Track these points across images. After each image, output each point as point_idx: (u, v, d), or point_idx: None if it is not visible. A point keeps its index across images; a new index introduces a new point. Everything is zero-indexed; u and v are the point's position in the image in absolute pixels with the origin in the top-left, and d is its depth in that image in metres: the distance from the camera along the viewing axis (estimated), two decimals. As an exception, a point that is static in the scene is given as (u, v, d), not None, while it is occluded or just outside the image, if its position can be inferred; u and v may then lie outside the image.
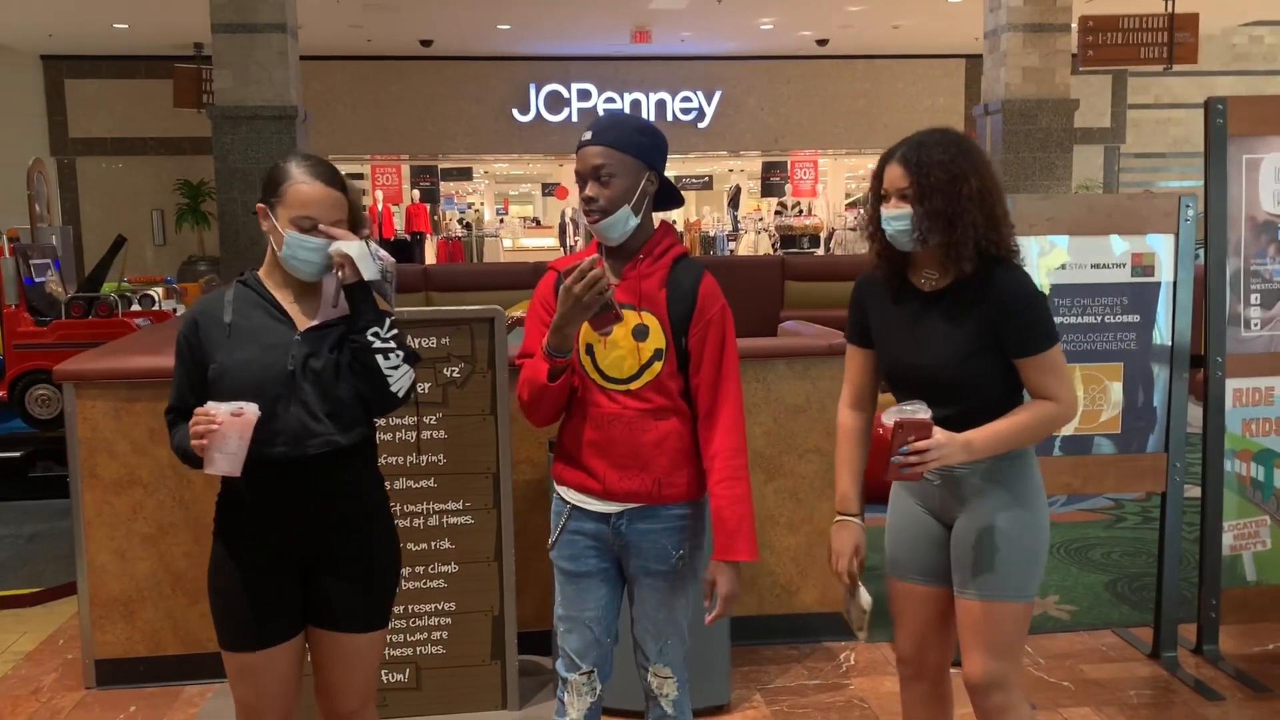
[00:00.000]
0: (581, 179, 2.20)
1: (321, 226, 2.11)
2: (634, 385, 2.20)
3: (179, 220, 15.72)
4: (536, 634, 3.50)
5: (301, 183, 2.12)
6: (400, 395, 2.16)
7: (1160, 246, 3.49)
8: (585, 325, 2.15)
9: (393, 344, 2.14)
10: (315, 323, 2.16)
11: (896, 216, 2.20)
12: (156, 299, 8.11)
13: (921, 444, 2.11)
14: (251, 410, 2.00)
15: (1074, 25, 11.25)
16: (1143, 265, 3.48)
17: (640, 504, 2.23)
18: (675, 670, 2.33)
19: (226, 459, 2.00)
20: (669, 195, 2.29)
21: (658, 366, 2.20)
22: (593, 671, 2.32)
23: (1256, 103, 3.64)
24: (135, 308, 7.69)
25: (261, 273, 2.22)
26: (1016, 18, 10.69)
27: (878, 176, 2.26)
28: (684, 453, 2.23)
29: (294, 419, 2.09)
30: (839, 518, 2.40)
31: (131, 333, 5.61)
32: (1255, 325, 3.58)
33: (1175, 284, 3.48)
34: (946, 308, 2.24)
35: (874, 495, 2.47)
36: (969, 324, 2.21)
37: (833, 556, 2.38)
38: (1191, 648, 3.69)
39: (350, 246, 2.09)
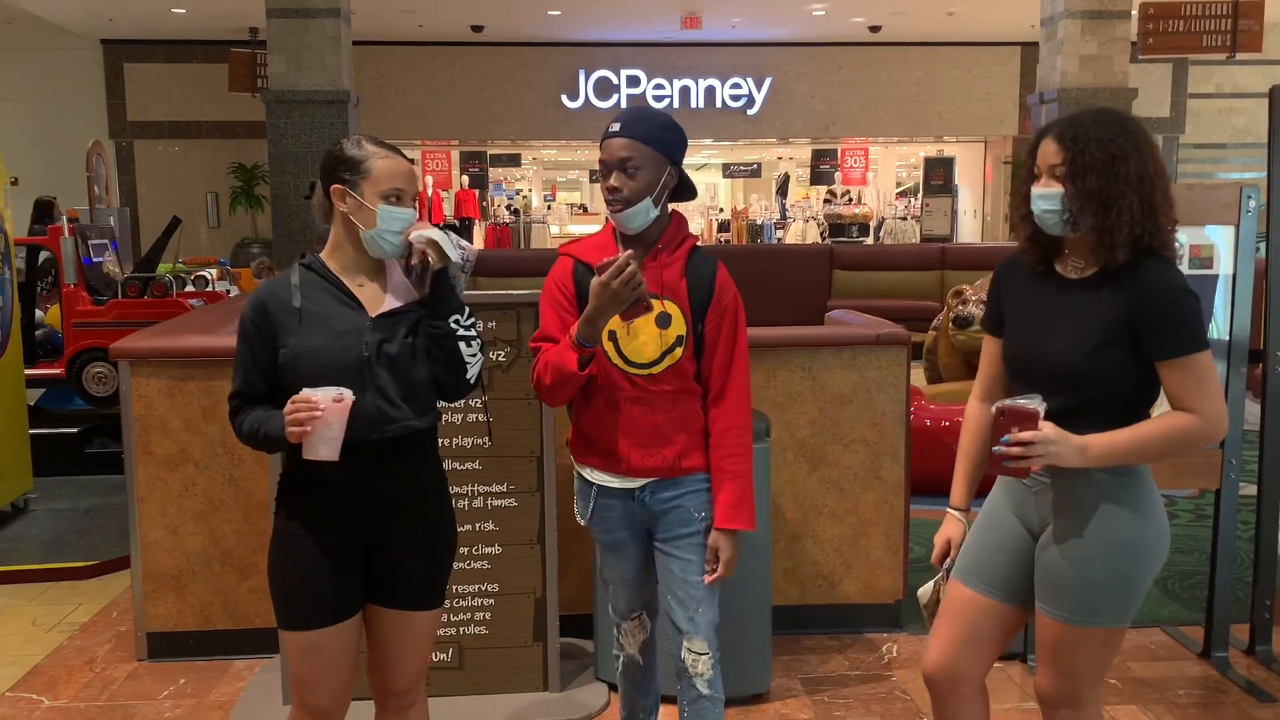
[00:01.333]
0: (606, 169, 2.29)
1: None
2: (655, 370, 2.33)
3: (233, 203, 15.94)
4: (578, 617, 3.52)
5: (384, 157, 2.15)
6: (474, 382, 2.22)
7: (1219, 238, 3.41)
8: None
9: (473, 331, 2.20)
10: (387, 308, 2.18)
11: (1046, 195, 2.06)
12: (210, 280, 8.23)
13: (1026, 435, 1.97)
14: (349, 396, 2.03)
15: (1134, 12, 11.02)
16: (1201, 258, 3.40)
17: (661, 477, 2.36)
18: (710, 645, 2.38)
19: (328, 445, 2.02)
20: (684, 188, 2.38)
21: (678, 352, 2.32)
22: (641, 614, 2.55)
23: (1324, 91, 3.54)
24: (189, 288, 7.82)
25: (325, 255, 2.22)
26: (1075, 4, 10.49)
27: (1031, 153, 2.13)
28: (701, 430, 2.37)
29: (370, 404, 2.10)
30: (949, 510, 2.36)
31: (185, 313, 5.71)
32: (1317, 320, 3.49)
33: (1235, 277, 3.40)
34: (1083, 296, 2.09)
35: (927, 489, 2.45)
36: (1104, 314, 2.04)
37: (935, 551, 2.36)
38: (1244, 648, 3.62)
39: (433, 232, 2.15)
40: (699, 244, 2.41)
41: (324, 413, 1.99)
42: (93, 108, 15.62)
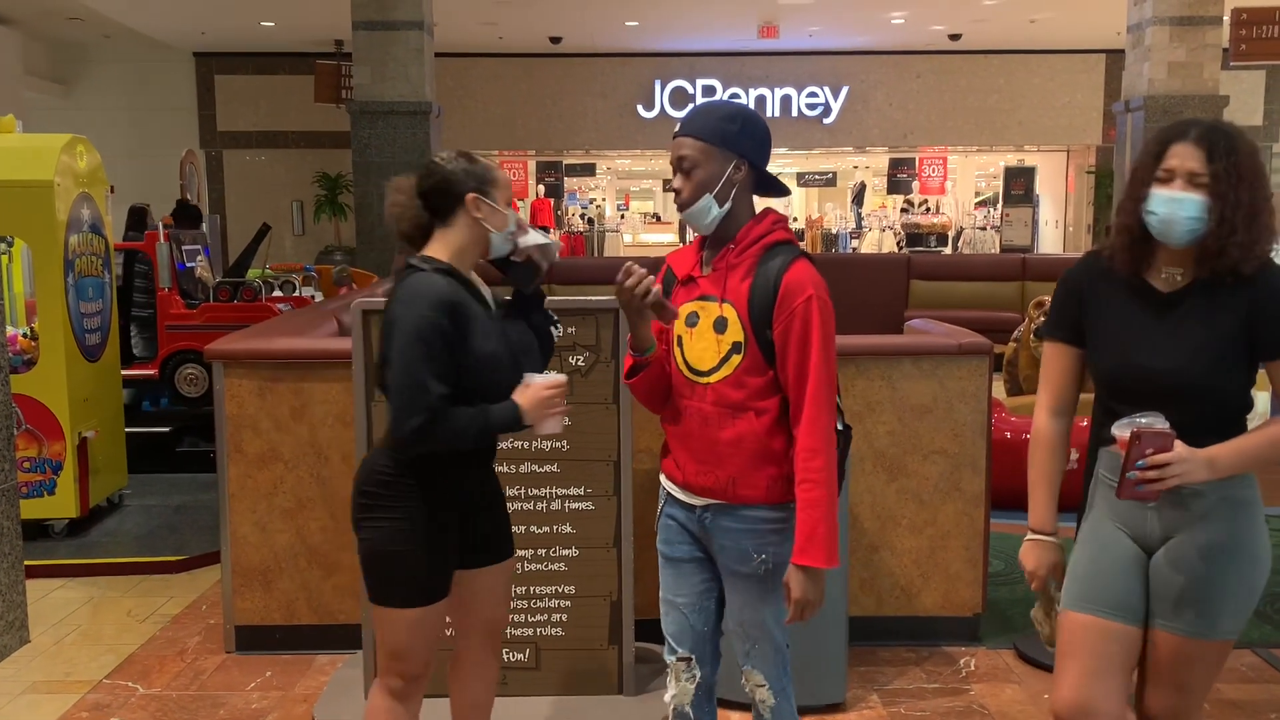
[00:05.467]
0: (672, 170, 2.24)
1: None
2: (713, 379, 2.17)
3: (317, 211, 16.33)
4: (654, 621, 3.52)
5: (499, 168, 2.41)
6: None
7: (1317, 249, 3.31)
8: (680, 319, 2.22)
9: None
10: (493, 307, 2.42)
11: (1184, 201, 1.98)
12: (296, 285, 8.45)
13: (1162, 458, 1.92)
14: (562, 378, 2.38)
15: (1226, 18, 10.72)
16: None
17: (718, 500, 2.21)
18: (768, 678, 2.28)
19: (556, 421, 2.36)
20: (766, 183, 2.24)
21: (736, 360, 2.15)
22: (690, 659, 2.34)
23: None
24: (277, 293, 8.04)
25: (451, 261, 2.34)
26: (1163, 10, 10.24)
27: (1155, 155, 2.03)
28: (762, 454, 2.16)
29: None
30: (1034, 536, 2.20)
31: (274, 316, 5.87)
32: None
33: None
34: (1188, 307, 2.04)
35: (1007, 502, 2.40)
36: (1222, 326, 2.01)
37: (1029, 577, 2.22)
38: (1340, 672, 3.50)
39: (540, 236, 2.34)
40: (790, 243, 2.21)
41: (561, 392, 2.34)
42: (185, 118, 16.14)
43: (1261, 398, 2.23)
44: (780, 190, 2.31)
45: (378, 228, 10.24)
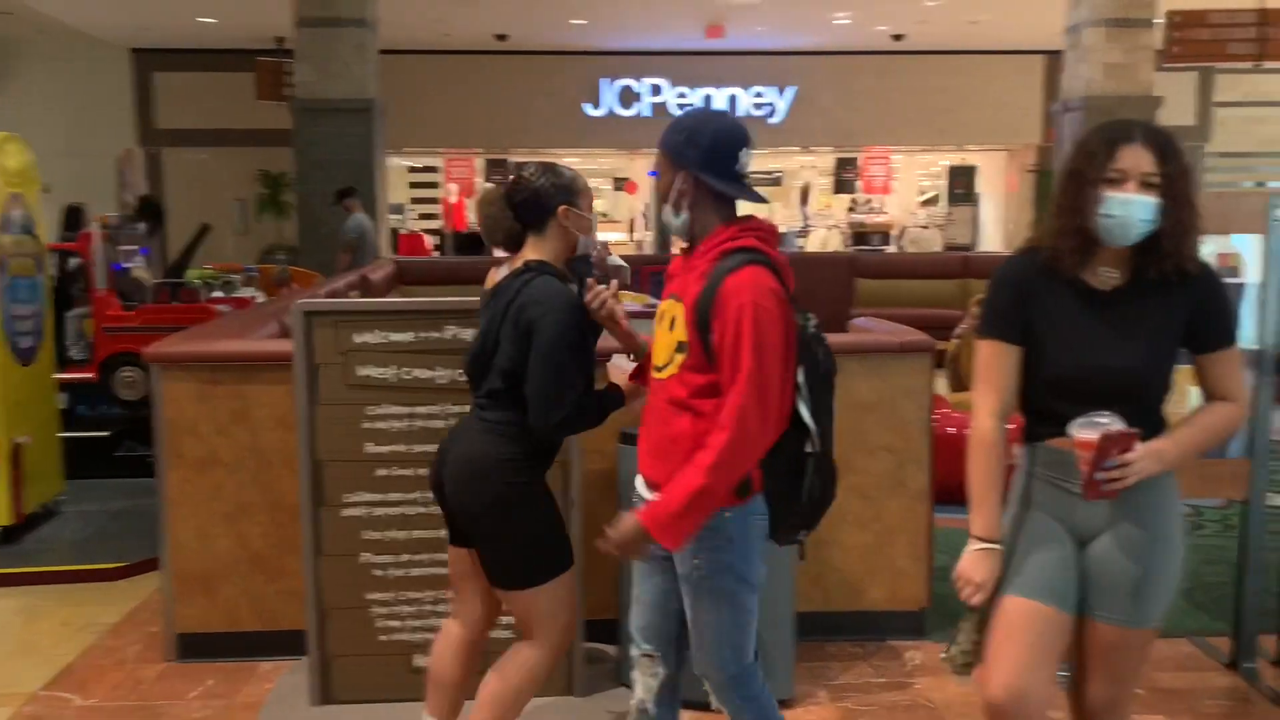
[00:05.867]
0: None
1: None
2: (664, 375, 2.28)
3: (259, 210, 16.09)
4: (603, 623, 3.53)
5: (582, 178, 2.62)
6: None
7: (1246, 247, 3.40)
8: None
9: None
10: None
11: (1141, 204, 2.00)
12: (237, 285, 8.32)
13: (1130, 456, 1.97)
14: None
15: (1159, 20, 10.97)
16: (1228, 266, 3.40)
17: None
18: (715, 685, 2.32)
19: (643, 399, 2.52)
20: (719, 192, 2.23)
21: (679, 359, 2.21)
22: (654, 655, 2.37)
23: (1353, 100, 3.52)
24: (218, 294, 7.90)
25: (558, 265, 2.57)
26: (1100, 12, 10.46)
27: (1106, 156, 2.03)
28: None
29: None
30: (983, 545, 2.15)
31: (214, 318, 5.78)
32: (1346, 329, 3.46)
33: (1266, 286, 3.39)
34: (1138, 306, 2.08)
35: (950, 497, 2.44)
36: (1164, 322, 2.08)
37: (967, 587, 2.16)
38: (1272, 659, 3.60)
39: (619, 260, 2.66)
40: (750, 249, 2.18)
41: None
42: (122, 116, 15.81)
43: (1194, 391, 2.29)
44: (748, 197, 2.26)
45: (320, 227, 10.12)
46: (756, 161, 2.35)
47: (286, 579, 3.63)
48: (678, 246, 2.37)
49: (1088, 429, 1.98)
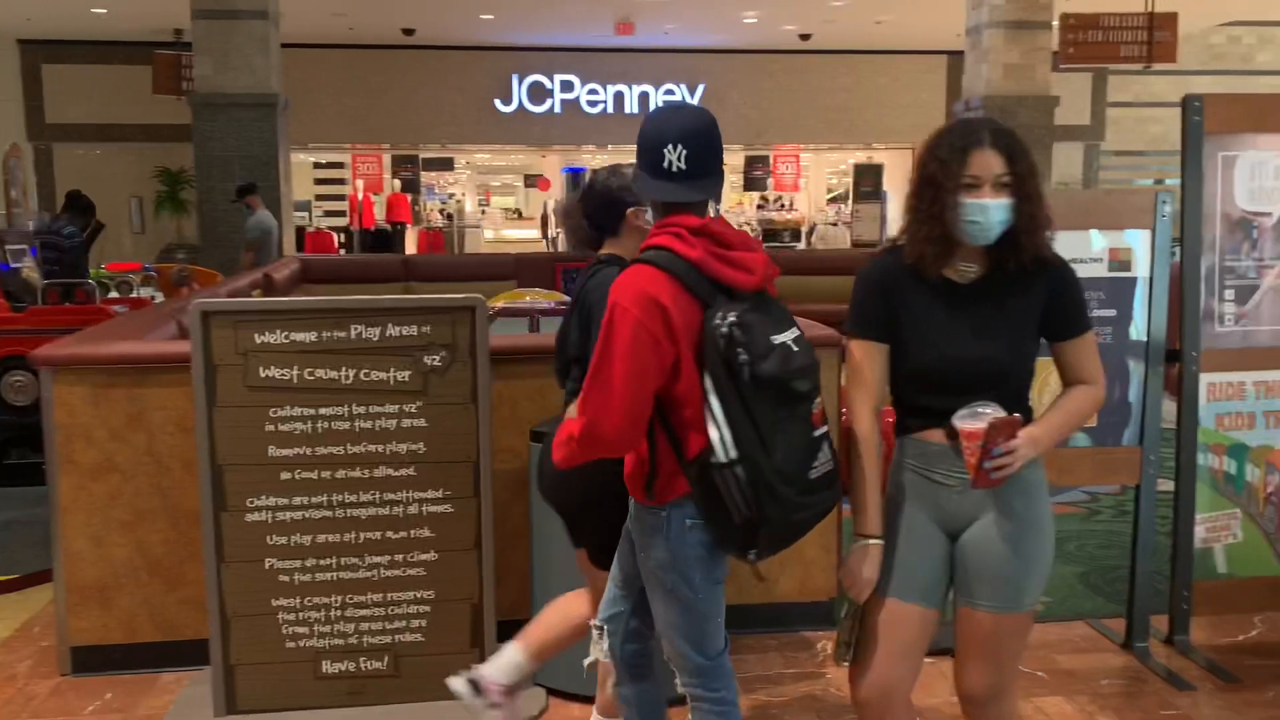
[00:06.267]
0: None
1: None
2: None
3: (157, 208, 15.61)
4: (516, 623, 3.50)
5: None
6: None
7: (1137, 242, 3.52)
8: None
9: None
10: None
11: (998, 207, 2.07)
12: (134, 286, 8.05)
13: (1014, 443, 2.02)
14: None
15: (1055, 23, 11.32)
16: (1119, 260, 3.52)
17: None
18: (675, 666, 2.36)
19: None
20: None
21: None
22: (602, 628, 2.48)
23: (1232, 101, 3.68)
24: (113, 294, 7.63)
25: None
26: (998, 14, 10.75)
27: (960, 162, 2.09)
28: (633, 455, 2.23)
29: None
30: (870, 541, 2.20)
31: (109, 319, 5.58)
32: (1229, 321, 3.62)
33: (1151, 279, 3.52)
34: (996, 298, 2.15)
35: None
36: (1021, 311, 2.15)
37: (855, 583, 2.21)
38: (1163, 638, 3.74)
39: None
40: (651, 249, 2.17)
41: None
42: (9, 110, 15.17)
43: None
44: (666, 195, 2.17)
45: (221, 224, 9.86)
46: None
47: (187, 587, 3.52)
48: None
49: (971, 419, 2.03)
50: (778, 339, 2.07)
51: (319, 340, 3.14)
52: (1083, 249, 3.49)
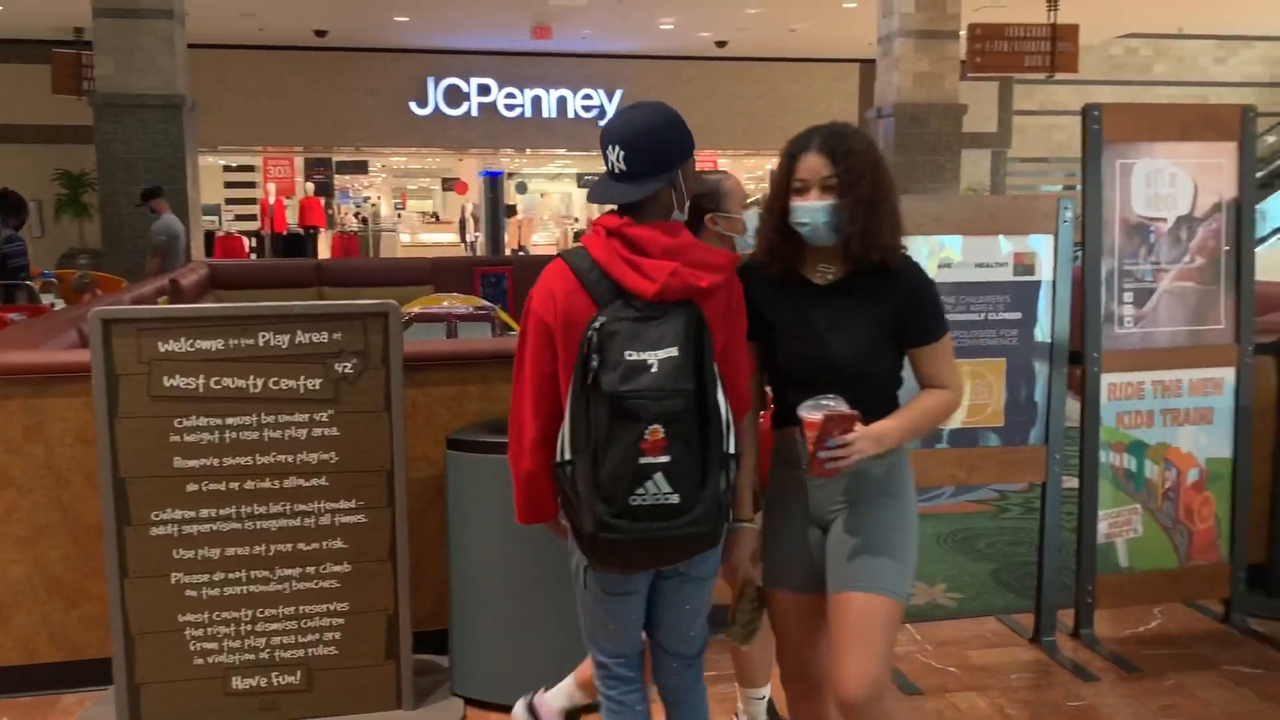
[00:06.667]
0: None
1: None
2: None
3: (58, 211, 15.08)
4: (432, 633, 3.46)
5: (730, 178, 2.64)
6: None
7: (1041, 247, 3.62)
8: None
9: None
10: None
11: (819, 209, 2.17)
12: (34, 292, 7.75)
13: (849, 437, 2.08)
14: None
15: (963, 33, 11.60)
16: (1024, 265, 3.61)
17: None
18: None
19: None
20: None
21: None
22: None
23: (1130, 110, 3.82)
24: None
25: None
26: (908, 24, 10.97)
27: (788, 169, 2.22)
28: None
29: None
30: (741, 525, 2.31)
31: (4, 327, 5.36)
32: (1128, 323, 3.75)
33: (1055, 283, 3.62)
34: (851, 299, 2.22)
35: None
36: (874, 313, 2.21)
37: (729, 565, 2.32)
38: (1069, 632, 3.84)
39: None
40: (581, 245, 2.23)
41: None
42: (-103, 108, 14.51)
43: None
44: (590, 196, 2.37)
45: (125, 228, 9.57)
46: (587, 163, 2.32)
47: (89, 604, 3.40)
48: None
49: (812, 410, 2.10)
50: (634, 355, 2.02)
51: (226, 348, 3.06)
52: (991, 254, 3.58)
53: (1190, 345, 3.79)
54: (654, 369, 2.02)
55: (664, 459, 2.02)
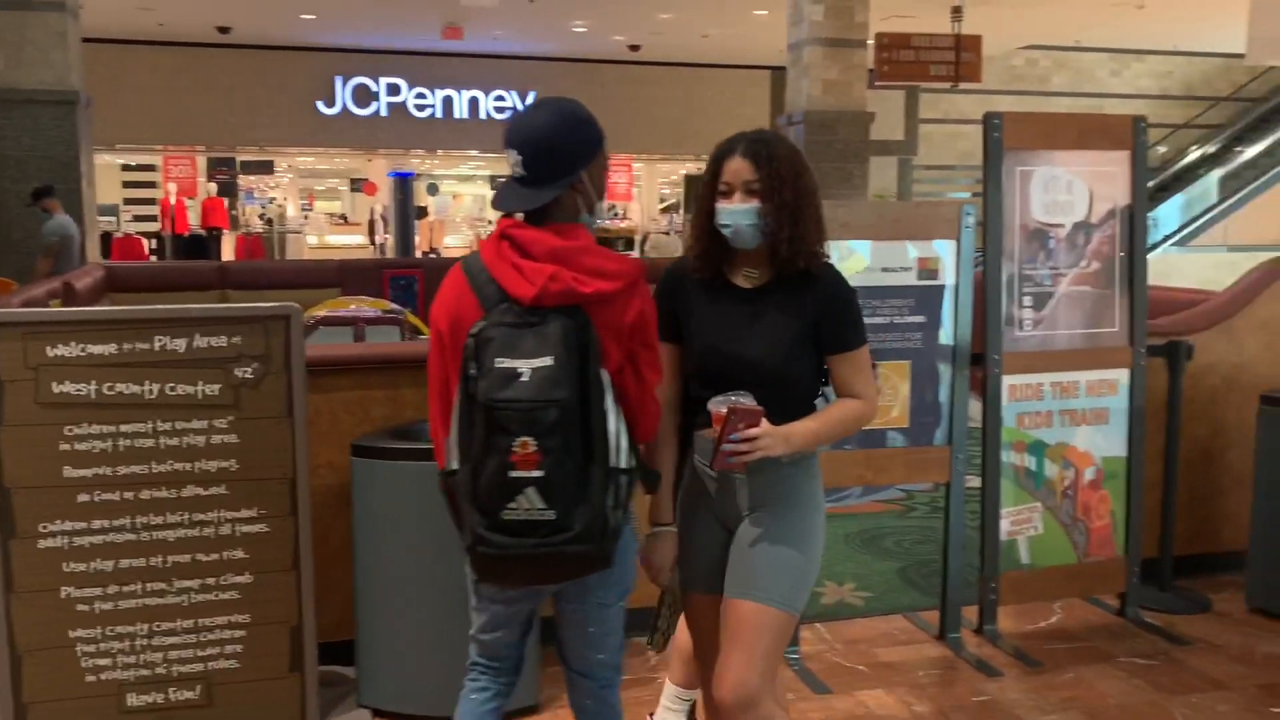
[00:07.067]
0: None
1: None
2: None
3: (-58, 210, 14.38)
4: (339, 645, 3.38)
5: None
6: None
7: (944, 252, 3.70)
8: None
9: None
10: None
11: (742, 211, 2.19)
12: (-87, 295, 7.37)
13: (753, 431, 2.10)
14: None
15: (870, 42, 11.82)
16: (928, 269, 3.68)
17: None
18: None
19: None
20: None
21: None
22: None
23: (1029, 119, 3.92)
24: (-113, 305, 6.97)
25: None
26: (817, 32, 11.14)
27: (714, 172, 2.24)
28: None
29: None
30: (658, 528, 2.31)
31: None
32: (1028, 326, 3.85)
33: (957, 287, 3.70)
34: (772, 303, 2.24)
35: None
36: (795, 319, 2.23)
37: (651, 570, 2.31)
38: (974, 628, 3.93)
39: None
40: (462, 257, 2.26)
41: None
42: None
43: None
44: (493, 201, 2.26)
45: (16, 228, 9.17)
46: (501, 164, 2.23)
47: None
48: None
49: (720, 404, 2.13)
50: (505, 363, 1.95)
51: (119, 352, 2.94)
52: (898, 259, 3.64)
53: (1087, 347, 3.91)
54: (525, 378, 1.94)
55: (536, 473, 1.94)
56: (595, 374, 2.00)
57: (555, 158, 2.08)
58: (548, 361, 1.95)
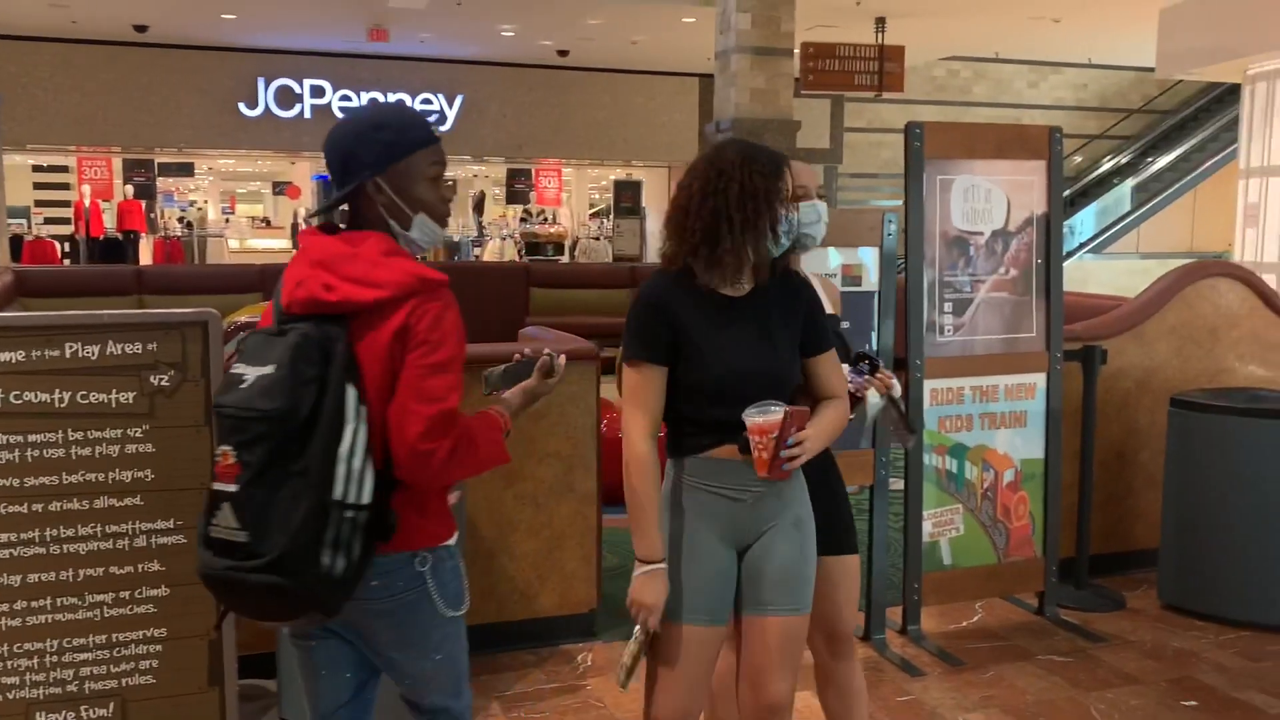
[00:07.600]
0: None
1: None
2: None
3: None
4: (260, 658, 3.31)
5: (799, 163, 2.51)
6: None
7: (868, 258, 3.75)
8: None
9: None
10: None
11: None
12: None
13: (805, 433, 2.11)
14: None
15: (796, 51, 11.96)
16: (853, 276, 3.74)
17: None
18: None
19: None
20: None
21: None
22: None
23: (949, 129, 4.01)
24: None
25: None
26: (744, 40, 11.23)
27: (776, 180, 2.19)
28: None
29: None
30: (650, 568, 2.17)
31: None
32: (949, 331, 3.93)
33: (880, 293, 3.76)
34: (762, 311, 2.22)
35: (617, 497, 2.47)
36: (790, 324, 2.24)
37: (641, 611, 2.17)
38: (898, 629, 3.99)
39: None
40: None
41: None
42: None
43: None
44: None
45: (-81, 232, 8.83)
46: None
47: None
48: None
49: (762, 414, 2.10)
50: (238, 369, 1.86)
51: (28, 360, 2.84)
52: (822, 265, 3.68)
53: (1005, 352, 4.00)
54: (244, 385, 1.82)
55: (231, 487, 1.79)
56: (336, 390, 1.80)
57: (339, 164, 1.97)
58: (269, 370, 1.80)
